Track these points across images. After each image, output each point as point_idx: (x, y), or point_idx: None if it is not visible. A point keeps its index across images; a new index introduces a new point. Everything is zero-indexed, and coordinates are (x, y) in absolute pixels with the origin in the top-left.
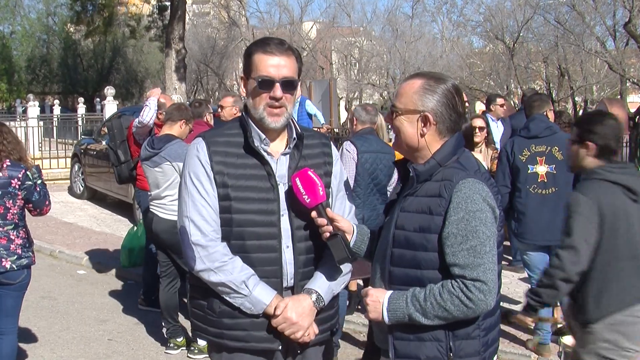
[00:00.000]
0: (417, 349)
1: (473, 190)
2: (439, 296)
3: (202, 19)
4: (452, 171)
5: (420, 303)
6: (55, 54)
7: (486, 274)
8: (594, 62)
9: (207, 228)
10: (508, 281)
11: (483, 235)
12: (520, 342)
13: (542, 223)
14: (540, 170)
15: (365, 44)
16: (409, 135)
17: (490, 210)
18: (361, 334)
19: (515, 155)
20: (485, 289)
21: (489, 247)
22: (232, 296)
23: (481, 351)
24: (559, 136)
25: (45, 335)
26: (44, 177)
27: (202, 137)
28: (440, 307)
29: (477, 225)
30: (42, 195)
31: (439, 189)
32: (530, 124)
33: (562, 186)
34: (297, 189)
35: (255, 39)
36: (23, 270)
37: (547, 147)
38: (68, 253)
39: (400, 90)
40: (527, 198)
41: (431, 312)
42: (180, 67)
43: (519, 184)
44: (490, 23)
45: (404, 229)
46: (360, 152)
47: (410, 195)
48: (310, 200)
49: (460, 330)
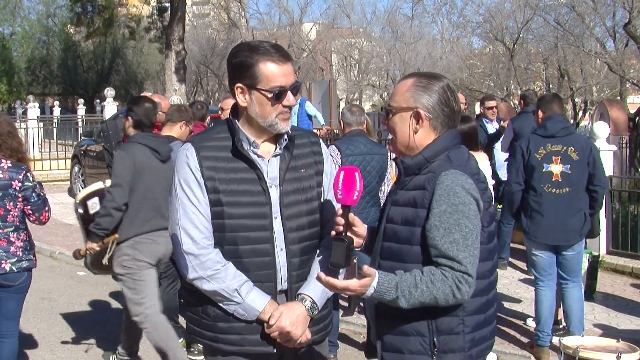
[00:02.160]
0: (402, 343)
1: (455, 182)
2: (431, 284)
3: (202, 20)
4: (438, 164)
5: (410, 289)
6: (55, 55)
7: (473, 267)
8: (593, 63)
9: (198, 236)
10: (508, 282)
11: (466, 228)
12: (520, 343)
13: (554, 222)
14: (555, 170)
15: (365, 45)
16: (403, 133)
17: (474, 202)
18: (360, 335)
19: (530, 153)
20: (471, 282)
21: (471, 241)
22: (225, 303)
23: (466, 348)
24: (575, 137)
25: (45, 337)
26: (44, 178)
27: (192, 142)
28: (431, 294)
29: (459, 219)
30: (42, 199)
31: (423, 182)
32: (548, 123)
33: (575, 186)
34: (337, 180)
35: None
36: (23, 272)
37: (563, 146)
38: (68, 254)
39: (394, 91)
40: (541, 197)
41: (418, 298)
42: (180, 68)
43: (533, 182)
44: (490, 24)
45: (392, 222)
46: (344, 155)
47: (400, 189)
48: (342, 197)
49: (443, 325)
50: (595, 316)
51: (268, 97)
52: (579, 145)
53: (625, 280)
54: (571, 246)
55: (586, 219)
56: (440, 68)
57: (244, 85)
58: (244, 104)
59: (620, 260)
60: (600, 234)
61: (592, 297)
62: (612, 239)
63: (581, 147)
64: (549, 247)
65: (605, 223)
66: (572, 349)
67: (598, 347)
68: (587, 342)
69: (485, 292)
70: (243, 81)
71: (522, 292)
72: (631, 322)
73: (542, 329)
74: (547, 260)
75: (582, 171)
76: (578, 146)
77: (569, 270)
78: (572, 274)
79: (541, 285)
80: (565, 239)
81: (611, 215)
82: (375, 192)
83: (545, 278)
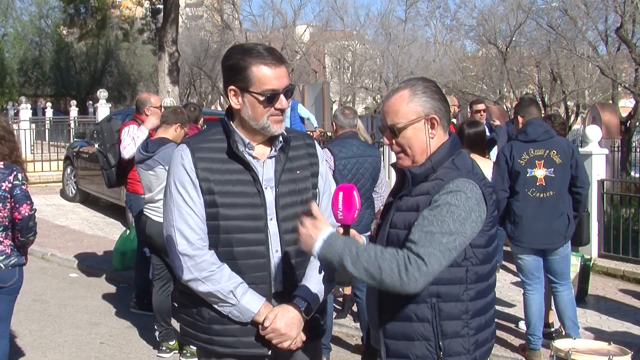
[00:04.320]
0: (407, 348)
1: (460, 188)
2: (379, 252)
3: (195, 22)
4: (445, 171)
5: (359, 251)
6: (48, 56)
7: (431, 258)
8: (586, 66)
9: (193, 237)
10: (500, 285)
11: (447, 228)
12: (511, 346)
13: (539, 227)
14: (539, 174)
15: (358, 48)
16: (421, 143)
17: (470, 210)
18: (354, 338)
19: (514, 159)
20: (424, 271)
21: (446, 240)
22: (220, 305)
23: (471, 350)
24: (556, 140)
25: (36, 339)
26: (37, 180)
27: (187, 143)
28: (376, 262)
29: (445, 216)
30: (24, 193)
31: (428, 188)
32: (528, 127)
33: (559, 190)
34: (336, 201)
35: (235, 47)
36: (14, 271)
37: (545, 150)
38: (60, 256)
39: (392, 109)
40: (525, 201)
41: (364, 262)
42: (173, 70)
43: (517, 188)
44: (483, 27)
45: (396, 227)
46: (337, 158)
47: (405, 195)
48: (343, 217)
49: (449, 329)
50: (587, 319)
51: (260, 100)
52: (561, 148)
53: (617, 284)
54: (557, 249)
55: (570, 221)
56: (434, 71)
57: (236, 88)
58: (237, 106)
59: (612, 264)
60: (592, 238)
61: (583, 300)
62: (603, 243)
63: (563, 150)
64: (534, 251)
65: (597, 226)
66: (564, 351)
67: (590, 349)
68: (579, 345)
69: (486, 294)
70: (236, 84)
71: (514, 295)
72: (623, 325)
73: (533, 333)
74: (533, 263)
75: (565, 174)
76: (560, 149)
77: (557, 274)
78: (560, 276)
79: (529, 289)
80: (551, 242)
81: (603, 219)
82: (369, 194)
83: (533, 282)
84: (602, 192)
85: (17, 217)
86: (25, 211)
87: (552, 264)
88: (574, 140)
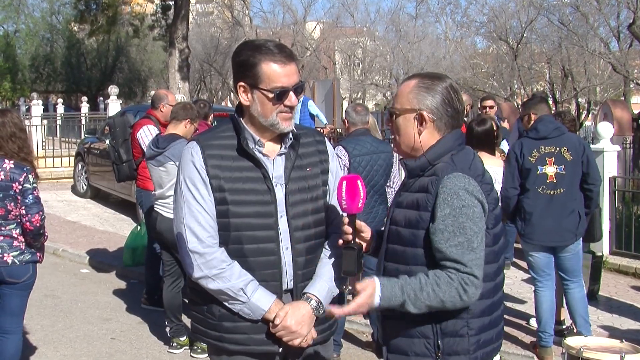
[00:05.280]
0: (407, 345)
1: (458, 185)
2: (436, 286)
3: (206, 19)
4: (441, 166)
5: (416, 292)
6: (59, 52)
7: (475, 268)
8: (597, 63)
9: (204, 234)
10: (511, 282)
11: (470, 231)
12: (522, 343)
13: (548, 224)
14: (550, 171)
15: (368, 44)
16: (407, 135)
17: (478, 204)
18: (364, 334)
19: (524, 157)
20: (478, 284)
21: (476, 243)
22: (231, 302)
23: (471, 350)
24: (567, 137)
25: (48, 334)
26: (48, 176)
27: (197, 140)
28: (437, 297)
29: (464, 222)
30: (36, 201)
31: (427, 185)
32: (539, 124)
33: (570, 187)
34: (340, 190)
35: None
36: (28, 267)
37: (556, 147)
38: (71, 252)
39: (397, 92)
40: (536, 199)
41: (425, 301)
42: (184, 66)
43: (527, 185)
44: (494, 24)
45: (397, 224)
46: (352, 156)
47: (404, 190)
48: (347, 206)
49: (448, 328)
50: (599, 317)
51: (269, 97)
52: (572, 145)
53: (629, 281)
54: (567, 247)
55: (581, 218)
56: (444, 67)
57: (246, 84)
58: (247, 102)
59: (624, 261)
60: (604, 235)
61: (595, 297)
62: (615, 240)
63: (574, 147)
64: (545, 248)
65: (609, 224)
66: (575, 349)
67: (601, 347)
68: (591, 342)
69: (491, 295)
70: (245, 80)
71: (525, 292)
72: (635, 322)
73: (544, 330)
74: (544, 260)
75: (576, 171)
76: (571, 146)
77: (568, 271)
78: (571, 274)
79: (540, 286)
80: (560, 239)
81: (615, 216)
82: (383, 190)
83: (544, 279)
84: (613, 189)
85: (28, 227)
86: (36, 222)
87: (562, 261)
88: (585, 137)
